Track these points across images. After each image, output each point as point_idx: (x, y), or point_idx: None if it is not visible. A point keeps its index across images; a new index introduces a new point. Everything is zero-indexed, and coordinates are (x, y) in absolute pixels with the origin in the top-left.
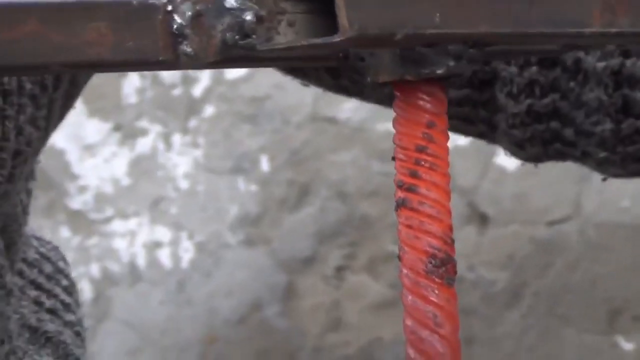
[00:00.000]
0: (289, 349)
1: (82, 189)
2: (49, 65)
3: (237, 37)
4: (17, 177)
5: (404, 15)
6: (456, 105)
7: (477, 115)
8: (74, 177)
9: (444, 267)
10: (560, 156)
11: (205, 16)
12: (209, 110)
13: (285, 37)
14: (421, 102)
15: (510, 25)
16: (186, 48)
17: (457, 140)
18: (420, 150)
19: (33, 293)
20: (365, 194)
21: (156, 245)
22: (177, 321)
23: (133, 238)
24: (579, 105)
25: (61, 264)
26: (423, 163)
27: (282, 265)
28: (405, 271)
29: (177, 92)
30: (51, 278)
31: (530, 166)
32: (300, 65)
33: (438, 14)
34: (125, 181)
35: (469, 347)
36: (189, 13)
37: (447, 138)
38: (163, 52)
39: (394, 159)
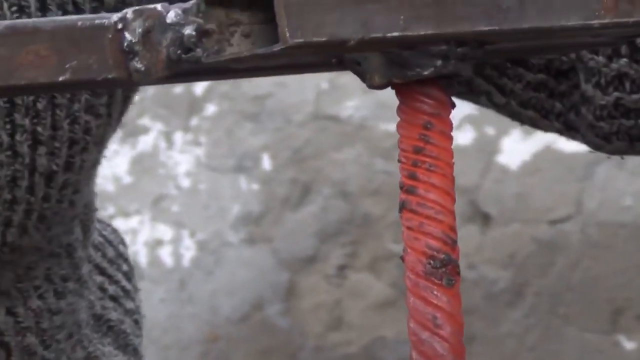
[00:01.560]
0: (290, 348)
1: None
2: None
3: (179, 51)
4: (77, 166)
5: (358, 21)
6: (533, 90)
7: (552, 107)
8: None
9: (443, 268)
10: None
11: (153, 32)
12: (210, 108)
13: (238, 48)
14: (418, 104)
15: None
16: (137, 64)
17: (458, 139)
18: (417, 151)
19: (98, 279)
20: (368, 193)
21: (157, 243)
22: (179, 319)
23: (134, 236)
24: None
25: (121, 248)
26: (420, 164)
27: (284, 264)
28: (407, 273)
29: (178, 90)
30: (113, 263)
31: (532, 165)
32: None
33: (402, 17)
34: (127, 179)
35: (470, 346)
36: (140, 30)
37: (449, 138)
38: (114, 69)
39: (399, 161)
